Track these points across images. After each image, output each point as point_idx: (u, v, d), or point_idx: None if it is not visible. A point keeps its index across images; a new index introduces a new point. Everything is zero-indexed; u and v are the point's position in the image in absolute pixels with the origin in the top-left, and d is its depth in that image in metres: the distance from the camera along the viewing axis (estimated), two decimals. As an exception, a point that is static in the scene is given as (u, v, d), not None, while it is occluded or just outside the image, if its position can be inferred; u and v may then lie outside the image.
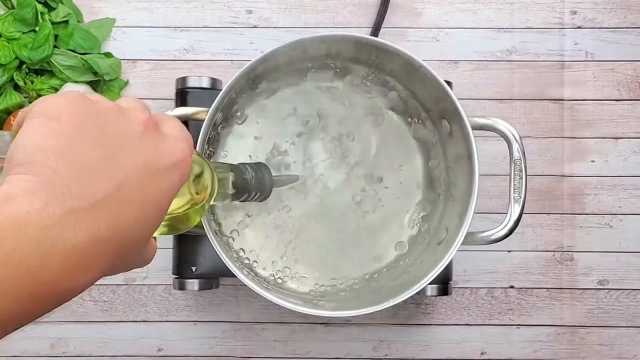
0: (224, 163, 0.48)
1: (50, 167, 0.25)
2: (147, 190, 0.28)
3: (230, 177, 0.46)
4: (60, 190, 0.25)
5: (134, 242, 0.28)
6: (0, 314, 0.24)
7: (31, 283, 0.24)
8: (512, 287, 0.69)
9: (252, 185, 0.48)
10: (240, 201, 0.49)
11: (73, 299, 0.68)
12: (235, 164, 0.48)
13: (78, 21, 0.68)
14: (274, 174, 0.53)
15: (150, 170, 0.28)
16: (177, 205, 0.36)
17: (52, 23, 0.66)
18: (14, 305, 0.24)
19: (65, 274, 0.25)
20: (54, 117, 0.27)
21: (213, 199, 0.41)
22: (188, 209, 0.37)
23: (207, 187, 0.39)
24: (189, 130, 0.64)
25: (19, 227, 0.24)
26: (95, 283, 0.66)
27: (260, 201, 0.51)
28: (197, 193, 0.38)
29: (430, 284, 0.53)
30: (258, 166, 0.50)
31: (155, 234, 0.36)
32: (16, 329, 0.26)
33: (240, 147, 0.61)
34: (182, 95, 0.63)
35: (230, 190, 0.46)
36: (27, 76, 0.66)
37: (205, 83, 0.63)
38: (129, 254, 0.29)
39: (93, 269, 0.27)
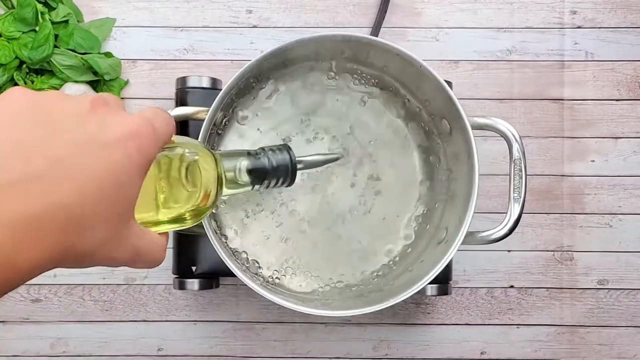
0: (237, 150, 0.46)
1: None
2: (95, 166, 0.27)
3: (244, 164, 0.44)
4: None
5: (86, 221, 0.27)
6: None
7: None
8: (512, 286, 0.69)
9: (270, 170, 0.46)
10: (265, 188, 0.47)
11: (73, 299, 0.68)
12: (252, 149, 0.46)
13: (78, 21, 0.68)
14: (311, 155, 0.51)
15: (97, 145, 0.27)
16: (179, 206, 0.36)
17: (52, 23, 0.66)
18: None
19: None
20: None
21: (224, 188, 0.40)
22: (195, 207, 0.36)
23: (212, 178, 0.38)
24: (188, 130, 0.64)
25: None
26: (96, 283, 0.66)
27: (287, 186, 0.49)
28: (201, 187, 0.37)
29: (430, 283, 0.53)
30: (280, 149, 0.47)
31: (167, 229, 0.35)
32: None
33: (239, 146, 0.61)
34: (182, 95, 0.63)
35: (245, 178, 0.44)
36: (27, 76, 0.66)
37: (206, 83, 0.63)
38: (87, 236, 0.27)
39: (33, 250, 0.25)
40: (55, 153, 0.26)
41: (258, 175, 0.45)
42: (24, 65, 0.65)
